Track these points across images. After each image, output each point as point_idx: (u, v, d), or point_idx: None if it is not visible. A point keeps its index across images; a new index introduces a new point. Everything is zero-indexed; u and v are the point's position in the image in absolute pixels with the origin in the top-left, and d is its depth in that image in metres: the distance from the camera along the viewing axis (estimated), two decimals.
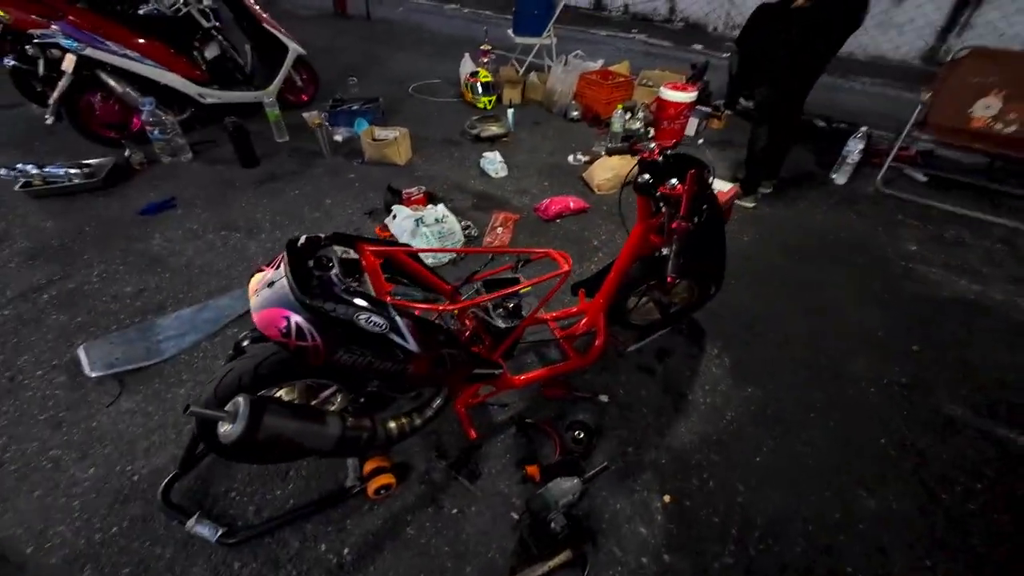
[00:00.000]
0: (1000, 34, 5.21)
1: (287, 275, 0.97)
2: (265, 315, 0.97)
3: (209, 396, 1.07)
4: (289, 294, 0.95)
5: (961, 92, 2.86)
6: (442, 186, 2.86)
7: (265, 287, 1.01)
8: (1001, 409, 1.66)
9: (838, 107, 4.08)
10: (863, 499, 1.40)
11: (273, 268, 1.04)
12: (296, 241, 1.07)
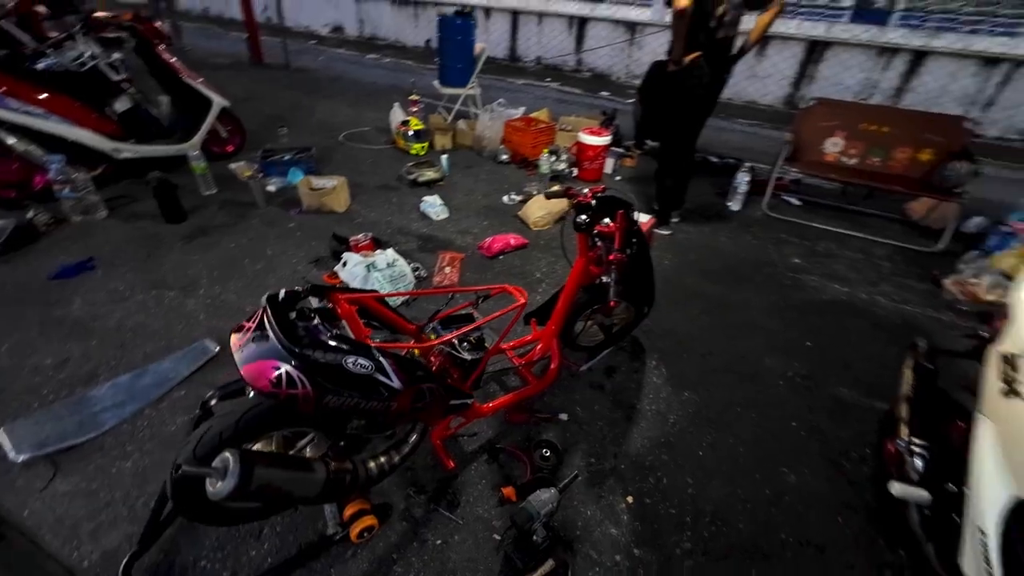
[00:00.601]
0: (836, 84, 6.44)
1: (273, 327, 1.02)
2: (254, 368, 1.01)
3: (188, 456, 1.06)
4: (278, 345, 1.01)
5: (814, 133, 3.53)
6: (385, 231, 2.95)
7: (250, 342, 1.05)
8: (876, 387, 2.03)
9: (726, 145, 4.77)
10: (785, 476, 1.65)
11: (254, 323, 1.09)
12: (276, 296, 1.13)
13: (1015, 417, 1.08)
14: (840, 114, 3.51)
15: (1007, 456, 1.06)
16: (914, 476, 1.29)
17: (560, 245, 1.87)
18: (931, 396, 1.48)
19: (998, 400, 1.14)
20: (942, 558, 1.16)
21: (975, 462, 1.13)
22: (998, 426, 1.13)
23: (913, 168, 3.30)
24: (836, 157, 3.50)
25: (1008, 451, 1.07)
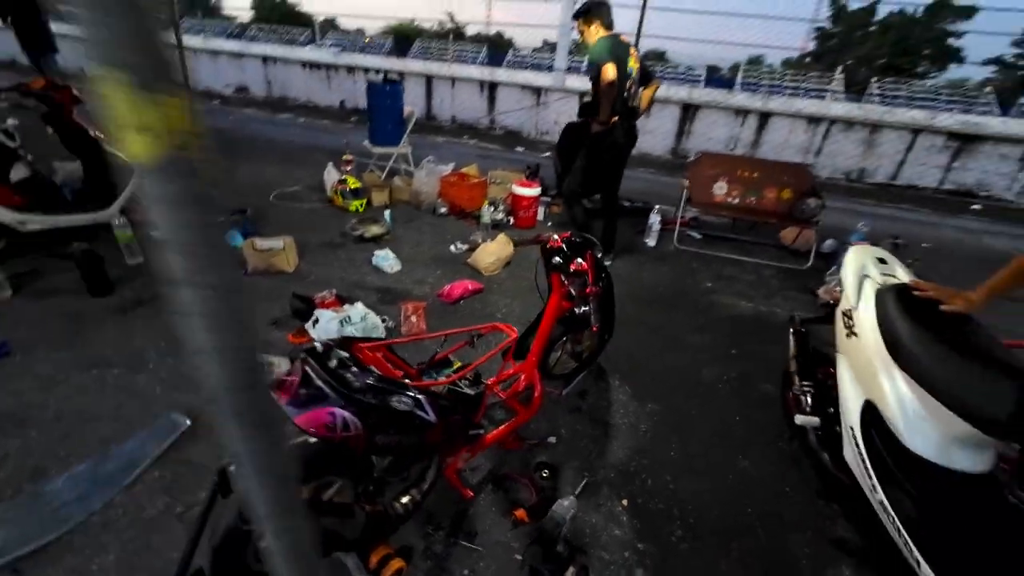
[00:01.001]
0: (708, 138, 7.74)
1: (324, 378, 1.10)
2: (309, 416, 1.07)
3: (234, 518, 1.07)
4: (332, 393, 1.09)
5: (704, 180, 4.26)
6: (341, 287, 2.96)
7: (299, 393, 1.11)
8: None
9: (635, 191, 5.49)
10: (741, 462, 1.96)
11: (297, 376, 1.15)
12: (315, 349, 1.20)
13: (856, 349, 1.63)
14: (720, 164, 4.30)
15: (855, 374, 1.60)
16: (807, 409, 1.81)
17: (534, 282, 2.09)
18: (807, 352, 2.07)
19: (845, 341, 1.72)
20: (833, 460, 1.65)
21: (840, 385, 1.66)
22: (847, 357, 1.69)
23: (779, 204, 4.13)
24: (723, 198, 4.25)
25: (855, 371, 1.62)
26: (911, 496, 1.35)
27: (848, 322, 1.71)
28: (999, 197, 6.81)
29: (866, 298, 1.67)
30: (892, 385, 1.44)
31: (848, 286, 1.80)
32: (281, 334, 2.47)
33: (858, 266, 1.82)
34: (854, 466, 1.54)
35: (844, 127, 7.06)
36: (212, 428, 1.84)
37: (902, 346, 1.44)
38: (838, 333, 1.79)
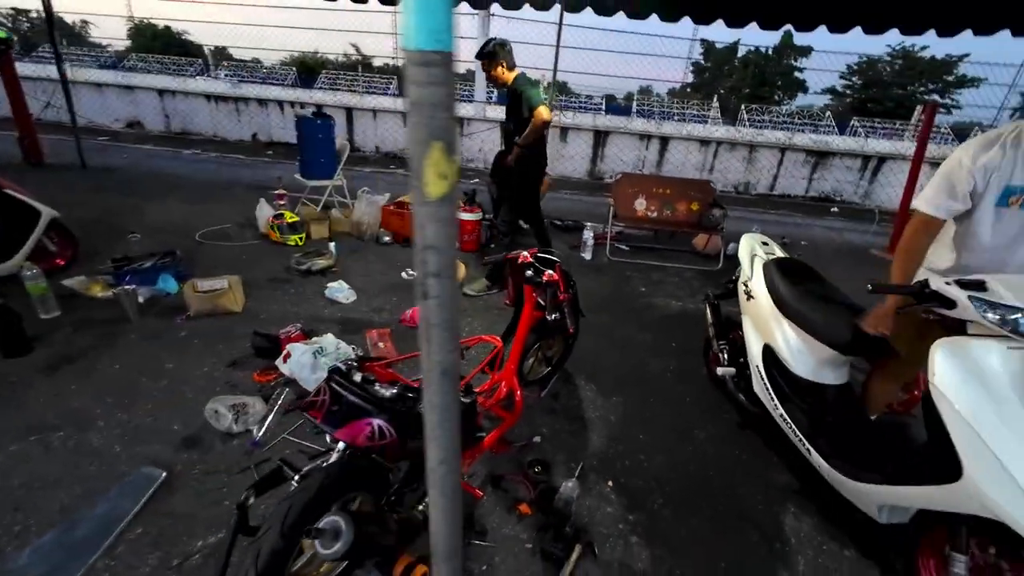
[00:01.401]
0: (619, 160, 8.55)
1: (358, 393, 1.19)
2: (349, 430, 1.15)
3: (276, 535, 1.09)
4: (367, 404, 1.17)
5: (626, 197, 4.77)
6: (297, 321, 2.91)
7: (333, 411, 1.18)
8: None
9: (562, 211, 5.93)
10: (698, 435, 2.27)
11: (325, 396, 1.21)
12: (338, 369, 1.28)
13: (754, 308, 2.21)
14: (638, 183, 4.85)
15: (755, 327, 2.21)
16: (724, 362, 2.40)
17: (508, 294, 2.26)
18: (721, 320, 2.58)
19: (746, 304, 2.30)
20: (747, 397, 2.26)
21: (745, 337, 2.20)
22: (749, 316, 2.27)
23: (690, 215, 4.74)
24: (644, 213, 4.79)
25: (755, 325, 2.21)
26: (799, 407, 1.95)
27: (747, 290, 2.30)
28: (849, 201, 8.31)
29: (757, 271, 2.27)
30: (780, 330, 2.02)
31: (744, 264, 2.42)
32: (244, 374, 2.38)
33: (748, 249, 2.47)
34: (761, 395, 2.10)
35: (729, 147, 8.22)
36: (192, 475, 1.77)
37: (784, 302, 2.04)
38: (741, 300, 2.37)
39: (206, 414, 1.99)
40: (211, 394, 2.17)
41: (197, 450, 1.90)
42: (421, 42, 0.41)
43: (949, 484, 1.30)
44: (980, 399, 1.28)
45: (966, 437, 1.27)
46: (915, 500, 1.45)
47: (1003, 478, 1.18)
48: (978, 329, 1.35)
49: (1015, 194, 1.56)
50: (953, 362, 1.35)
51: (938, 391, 1.35)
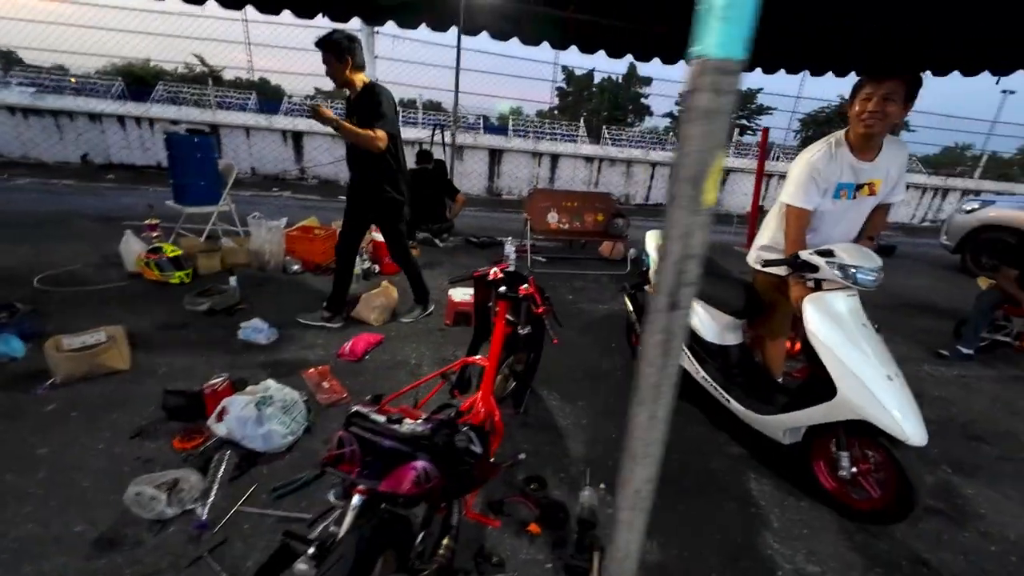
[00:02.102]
0: (515, 177, 8.91)
1: (388, 435, 1.06)
2: (393, 479, 1.02)
3: None
4: (406, 447, 1.05)
5: (540, 210, 5.00)
6: (211, 372, 2.47)
7: (367, 462, 1.03)
8: None
9: (472, 228, 5.98)
10: None
11: (352, 448, 1.06)
12: (358, 413, 1.12)
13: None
14: (549, 197, 5.12)
15: None
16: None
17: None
18: (639, 305, 2.88)
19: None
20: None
21: None
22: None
23: (596, 225, 5.14)
24: (556, 225, 5.06)
25: None
26: (713, 366, 2.41)
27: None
28: None
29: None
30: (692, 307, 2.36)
31: (653, 255, 2.79)
32: (157, 444, 1.94)
33: (654, 242, 2.92)
34: (685, 363, 2.45)
35: (610, 163, 9.11)
36: None
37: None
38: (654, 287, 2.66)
39: (127, 502, 1.58)
40: (117, 477, 1.73)
41: (119, 552, 1.49)
42: (724, 50, 0.40)
43: (829, 401, 1.80)
44: (837, 333, 1.83)
45: (834, 363, 1.80)
46: (807, 419, 1.93)
47: (860, 386, 1.72)
48: (830, 285, 1.90)
49: (844, 189, 2.08)
50: (817, 310, 1.89)
51: (811, 333, 1.88)
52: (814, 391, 1.89)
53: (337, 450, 1.08)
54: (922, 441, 1.64)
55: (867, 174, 2.07)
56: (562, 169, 9.02)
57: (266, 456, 1.92)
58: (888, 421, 1.66)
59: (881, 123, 1.87)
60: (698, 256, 0.59)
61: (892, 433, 1.66)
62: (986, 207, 5.89)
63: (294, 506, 1.72)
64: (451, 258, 4.93)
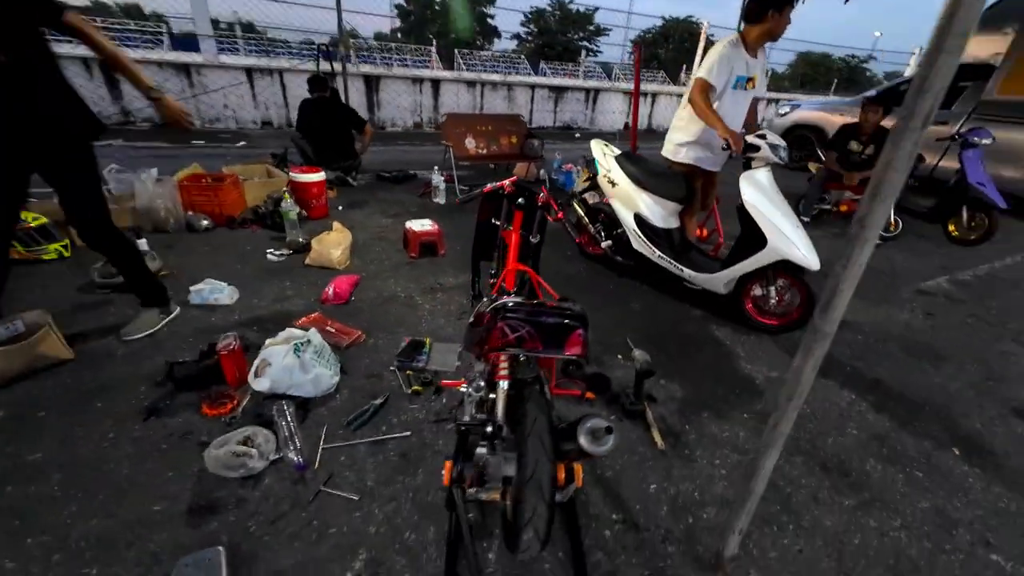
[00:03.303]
0: (396, 106, 8.33)
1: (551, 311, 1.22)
2: (572, 343, 1.20)
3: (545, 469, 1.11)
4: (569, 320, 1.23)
5: (457, 137, 4.92)
6: (183, 343, 2.19)
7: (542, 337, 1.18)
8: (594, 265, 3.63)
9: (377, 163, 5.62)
10: (632, 306, 2.91)
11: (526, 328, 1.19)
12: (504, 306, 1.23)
13: (619, 191, 2.96)
14: (462, 122, 5.03)
15: (624, 204, 2.97)
16: (602, 239, 3.12)
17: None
18: (591, 208, 3.30)
19: (612, 190, 3.02)
20: (624, 257, 3.08)
21: (618, 213, 3.02)
22: (617, 198, 3.01)
23: (512, 147, 5.26)
24: (475, 150, 5.05)
25: (623, 203, 2.97)
26: (660, 246, 2.84)
27: (610, 180, 3.03)
28: (583, 127, 10.44)
29: (613, 165, 3.03)
30: (642, 200, 2.87)
31: (601, 161, 3.12)
32: (181, 418, 1.75)
33: (600, 150, 3.19)
34: (643, 248, 2.91)
35: (492, 87, 9.01)
36: (256, 534, 1.36)
37: (639, 180, 2.89)
38: (606, 189, 3.08)
39: (210, 467, 1.48)
40: (159, 457, 1.58)
41: (226, 512, 1.42)
42: None
43: (761, 250, 2.41)
44: (764, 200, 2.43)
45: (764, 222, 2.40)
46: (745, 268, 2.52)
47: (782, 236, 2.35)
48: (757, 164, 2.47)
49: (739, 81, 2.68)
50: (750, 184, 2.48)
51: (747, 202, 2.46)
52: (749, 246, 2.49)
53: (512, 335, 1.21)
54: (818, 267, 2.35)
55: (753, 69, 2.70)
56: (445, 96, 8.66)
57: (316, 400, 1.88)
58: (800, 257, 2.33)
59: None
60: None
61: (804, 265, 2.34)
62: (794, 110, 7.45)
63: (374, 431, 1.77)
64: (372, 196, 4.66)
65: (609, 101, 10.43)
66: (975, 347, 2.73)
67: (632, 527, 1.48)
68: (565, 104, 10.02)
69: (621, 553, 1.40)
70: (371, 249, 3.41)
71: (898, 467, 1.81)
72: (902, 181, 0.77)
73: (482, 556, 1.30)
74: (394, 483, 1.56)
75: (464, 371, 2.15)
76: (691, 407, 2.05)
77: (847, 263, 0.85)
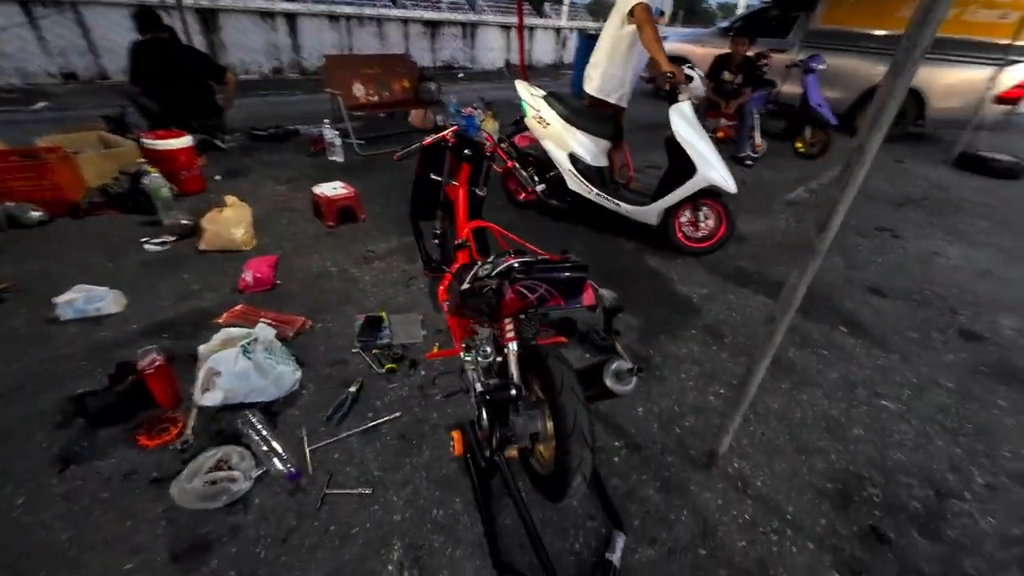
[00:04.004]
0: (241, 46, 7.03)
1: (557, 267, 1.20)
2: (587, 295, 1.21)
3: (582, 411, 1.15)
4: (579, 273, 1.22)
5: (342, 82, 4.35)
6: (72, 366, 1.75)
7: (555, 292, 1.17)
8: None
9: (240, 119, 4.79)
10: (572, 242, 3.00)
11: (544, 288, 1.16)
12: (513, 267, 1.19)
13: (552, 131, 2.94)
14: (346, 65, 4.45)
15: (557, 144, 2.96)
16: (536, 182, 3.10)
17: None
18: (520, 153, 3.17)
19: (544, 131, 2.98)
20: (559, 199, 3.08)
21: (551, 154, 3.00)
22: (549, 139, 2.98)
23: (405, 92, 4.83)
24: (366, 98, 4.54)
25: (556, 142, 2.96)
26: (596, 184, 2.92)
27: (540, 120, 2.97)
28: (464, 66, 9.91)
29: (542, 104, 3.00)
30: (575, 139, 2.91)
31: (529, 102, 3.04)
32: (112, 460, 1.44)
33: (526, 91, 3.11)
34: (579, 188, 2.95)
35: (358, 22, 8.00)
36: (255, 551, 1.23)
37: (570, 119, 2.90)
38: (537, 130, 3.02)
39: (184, 503, 1.26)
40: (101, 512, 1.31)
41: (222, 546, 1.24)
42: None
43: (691, 179, 2.62)
44: (692, 131, 2.61)
45: (693, 152, 2.58)
46: (678, 197, 2.72)
47: (708, 163, 2.57)
48: (683, 97, 2.62)
49: (658, 15, 2.75)
50: (680, 117, 2.63)
51: (677, 133, 2.62)
52: (679, 176, 2.68)
53: (532, 295, 1.17)
54: (736, 190, 2.63)
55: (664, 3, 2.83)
56: (305, 35, 7.47)
57: (280, 402, 1.67)
58: (722, 182, 2.59)
59: None
60: None
61: (726, 189, 2.61)
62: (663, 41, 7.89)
63: (360, 420, 1.65)
64: (252, 160, 3.99)
65: (487, 36, 9.97)
66: (833, 243, 3.36)
67: (635, 448, 1.63)
68: (442, 41, 9.34)
69: (632, 473, 1.54)
70: (275, 223, 2.98)
71: (809, 350, 2.21)
72: (896, 109, 0.86)
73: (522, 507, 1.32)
74: (402, 467, 1.50)
75: (436, 340, 2.06)
76: (648, 333, 2.24)
77: (845, 186, 0.95)
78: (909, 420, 1.84)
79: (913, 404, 1.92)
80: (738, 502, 1.48)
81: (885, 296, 2.70)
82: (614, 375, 1.23)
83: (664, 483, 1.52)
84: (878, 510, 1.49)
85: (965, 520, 1.48)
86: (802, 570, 1.30)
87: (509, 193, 3.49)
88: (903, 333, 2.38)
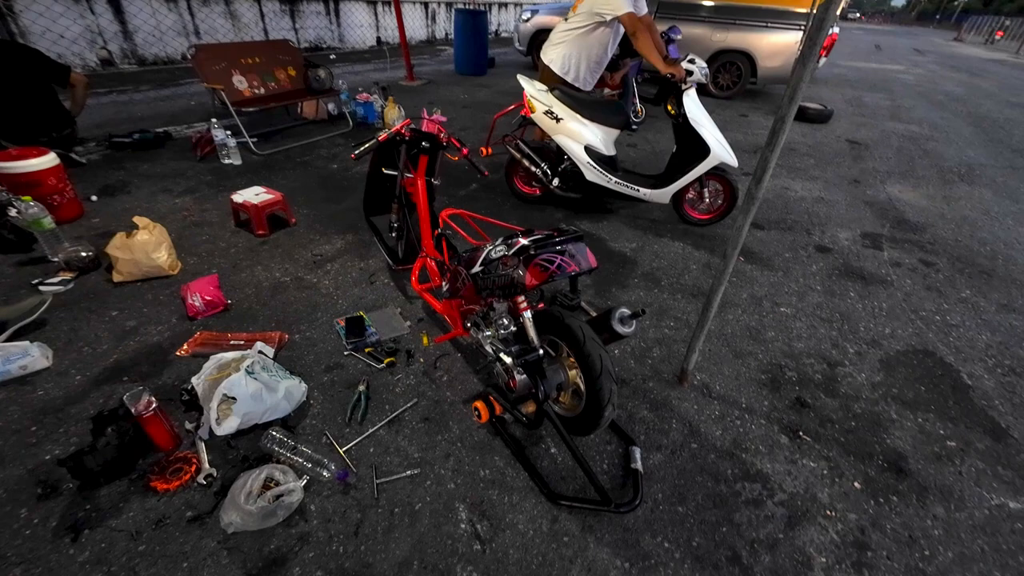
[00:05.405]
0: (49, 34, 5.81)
1: (570, 234, 1.40)
2: (590, 258, 1.42)
3: (604, 357, 1.39)
4: (579, 240, 1.43)
5: (220, 75, 3.91)
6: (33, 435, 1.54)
7: (572, 260, 1.37)
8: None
9: (90, 124, 4.07)
10: (584, 224, 3.20)
11: (558, 259, 1.35)
12: (524, 246, 1.36)
13: (564, 126, 2.99)
14: (220, 55, 3.97)
15: (572, 138, 3.03)
16: (550, 177, 3.18)
17: None
18: (533, 149, 3.24)
19: (556, 126, 3.02)
20: (573, 190, 3.21)
21: (567, 149, 3.06)
22: (563, 134, 3.03)
23: (293, 82, 4.47)
24: (250, 91, 4.12)
25: (571, 136, 3.02)
26: (613, 172, 3.06)
27: (552, 116, 2.99)
28: (334, 46, 9.22)
29: (552, 99, 3.01)
30: (588, 130, 3.01)
31: (537, 98, 3.03)
32: (127, 515, 1.35)
33: (531, 87, 3.10)
34: (598, 179, 3.05)
35: (201, 2, 6.99)
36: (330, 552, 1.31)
37: (582, 111, 2.99)
38: (548, 126, 3.02)
39: (248, 527, 1.26)
40: (146, 572, 1.26)
41: (298, 555, 1.28)
42: None
43: (705, 159, 2.85)
44: (702, 114, 2.86)
45: (705, 133, 2.83)
46: (690, 178, 2.94)
47: (718, 143, 2.83)
48: (687, 86, 2.85)
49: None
50: (692, 102, 2.87)
51: (689, 116, 2.83)
52: (694, 157, 2.89)
53: (553, 266, 1.36)
54: (737, 163, 2.91)
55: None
56: (135, 16, 6.31)
57: (292, 416, 1.67)
58: (729, 160, 2.84)
59: None
60: None
61: (732, 165, 2.87)
62: (535, 15, 8.20)
63: (380, 414, 1.72)
64: (126, 172, 3.45)
65: (354, 13, 9.36)
66: None
67: (623, 383, 1.94)
68: (305, 20, 8.56)
69: (625, 405, 1.85)
70: (193, 240, 2.71)
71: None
72: (810, 75, 1.20)
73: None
74: (437, 444, 1.62)
75: (421, 328, 2.14)
76: (600, 287, 2.56)
77: (773, 146, 1.29)
78: (800, 318, 2.42)
79: (800, 306, 2.52)
80: (707, 404, 1.87)
81: (762, 228, 3.37)
82: (619, 320, 1.49)
83: (652, 403, 1.85)
84: (797, 386, 2.00)
85: (848, 379, 2.05)
86: (762, 439, 1.74)
87: (513, 190, 3.48)
88: (781, 255, 3.03)
